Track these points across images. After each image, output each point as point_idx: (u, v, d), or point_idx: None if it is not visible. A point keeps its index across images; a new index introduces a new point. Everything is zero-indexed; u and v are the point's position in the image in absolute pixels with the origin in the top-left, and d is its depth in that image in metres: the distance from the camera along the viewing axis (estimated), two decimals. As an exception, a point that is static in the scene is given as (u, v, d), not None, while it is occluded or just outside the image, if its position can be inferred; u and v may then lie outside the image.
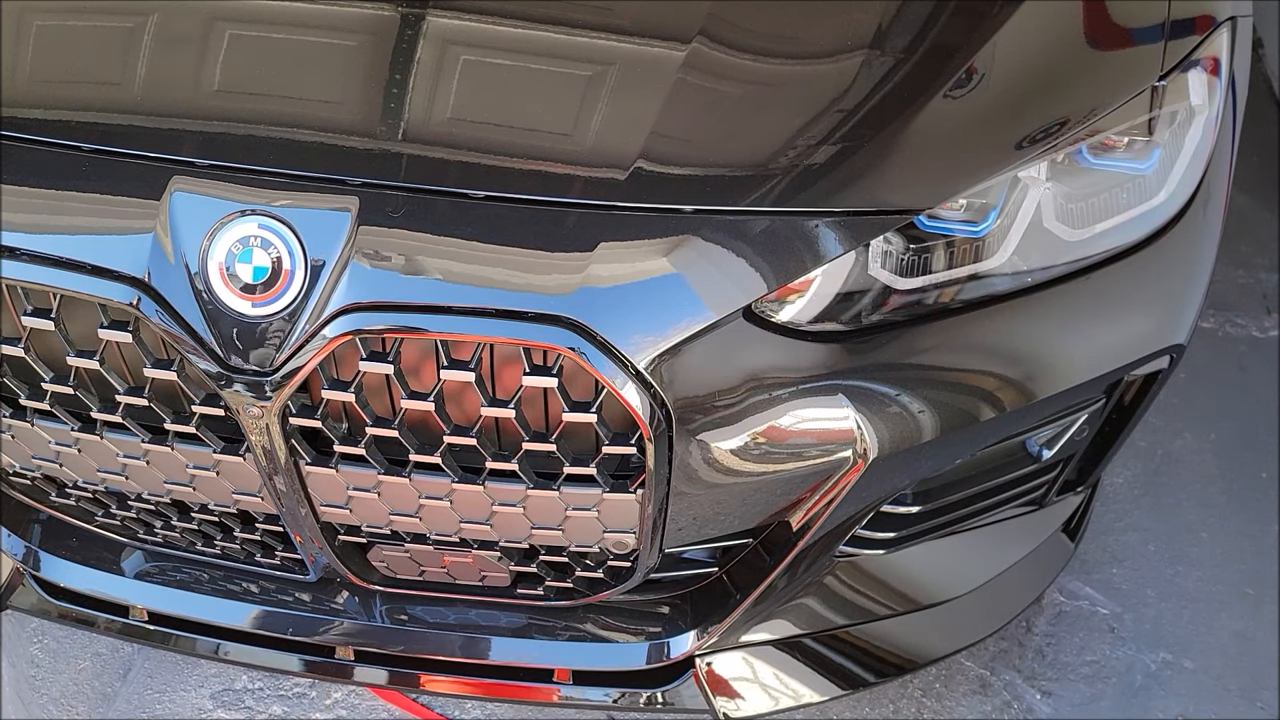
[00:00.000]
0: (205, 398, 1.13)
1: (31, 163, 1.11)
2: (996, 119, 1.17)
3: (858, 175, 1.11)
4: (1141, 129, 1.22)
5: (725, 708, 1.40)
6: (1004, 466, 1.39)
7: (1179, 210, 1.25)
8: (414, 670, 1.43)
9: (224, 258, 1.05)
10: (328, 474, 1.17)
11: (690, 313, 1.06)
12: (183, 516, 1.37)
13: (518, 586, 1.37)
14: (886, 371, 1.15)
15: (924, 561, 1.43)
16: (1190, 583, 1.88)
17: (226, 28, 1.18)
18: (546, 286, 1.04)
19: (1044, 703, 1.74)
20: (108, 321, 1.10)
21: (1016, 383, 1.20)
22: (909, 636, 1.49)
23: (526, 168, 1.09)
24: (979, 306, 1.18)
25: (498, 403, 1.09)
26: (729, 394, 1.10)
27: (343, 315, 1.05)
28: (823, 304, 1.13)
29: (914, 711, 1.73)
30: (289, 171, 1.07)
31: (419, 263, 1.05)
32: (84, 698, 1.76)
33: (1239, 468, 2.04)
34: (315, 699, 1.74)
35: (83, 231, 1.09)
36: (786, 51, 1.20)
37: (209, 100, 1.13)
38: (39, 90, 1.16)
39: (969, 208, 1.15)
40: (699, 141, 1.12)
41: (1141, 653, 1.80)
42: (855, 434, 1.14)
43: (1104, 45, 1.26)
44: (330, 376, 1.10)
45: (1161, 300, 1.28)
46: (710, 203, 1.08)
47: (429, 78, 1.13)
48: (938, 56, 1.19)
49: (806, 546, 1.26)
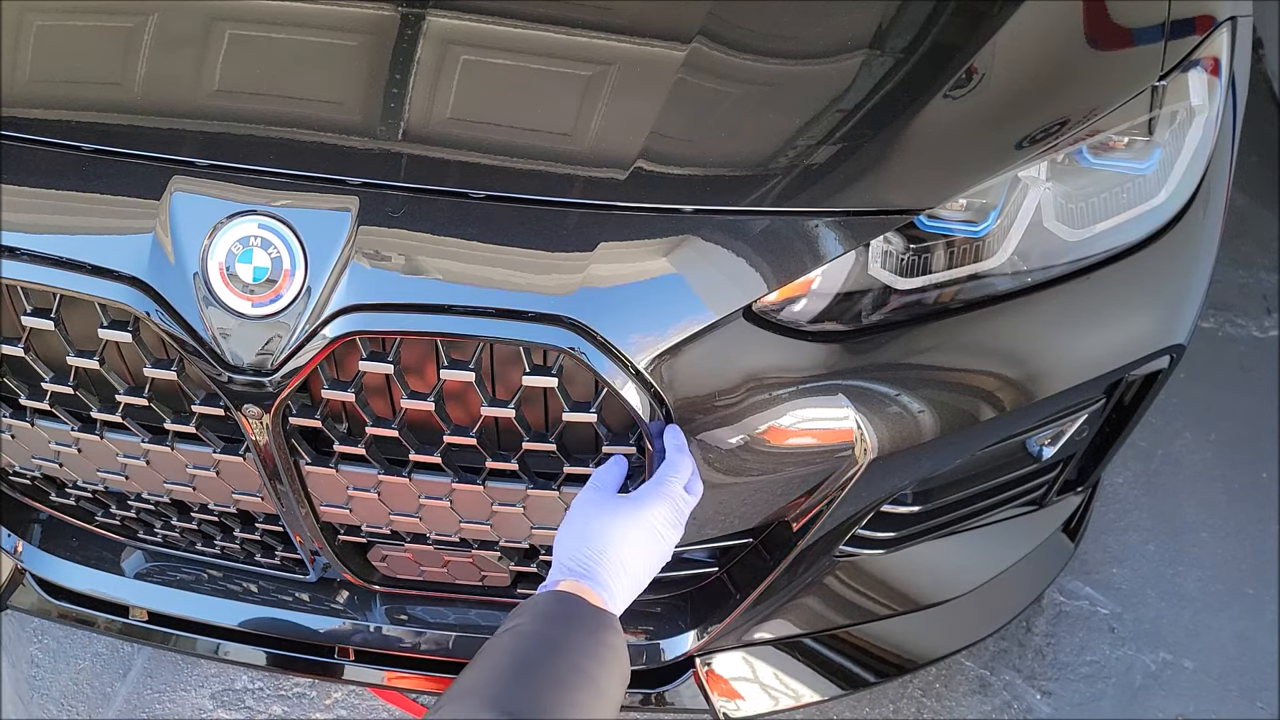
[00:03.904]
0: (205, 398, 1.13)
1: (31, 163, 1.11)
2: (996, 119, 1.17)
3: (858, 175, 1.11)
4: (1141, 129, 1.22)
5: (725, 708, 1.40)
6: (1004, 466, 1.39)
7: (1179, 210, 1.25)
8: (414, 670, 1.43)
9: (224, 258, 1.04)
10: (328, 474, 1.17)
11: (690, 313, 1.06)
12: (183, 516, 1.37)
13: (517, 586, 1.37)
14: (886, 371, 1.15)
15: (924, 561, 1.43)
16: (1190, 583, 1.89)
17: (226, 28, 1.18)
18: (547, 287, 1.04)
19: (1044, 703, 1.74)
20: (108, 321, 1.10)
21: (1016, 383, 1.20)
22: (909, 636, 1.49)
23: (527, 168, 1.09)
24: (979, 306, 1.18)
25: (498, 403, 1.09)
26: (729, 394, 1.10)
27: (343, 315, 1.05)
28: (823, 304, 1.13)
29: (914, 711, 1.73)
30: (289, 171, 1.07)
31: (419, 263, 1.05)
32: (84, 698, 1.76)
33: (1239, 468, 2.04)
34: (315, 699, 1.74)
35: (83, 231, 1.09)
36: (786, 51, 1.20)
37: (209, 100, 1.13)
38: (39, 90, 1.16)
39: (969, 208, 1.15)
40: (699, 141, 1.12)
41: (1141, 653, 1.80)
42: (855, 434, 1.14)
43: (1104, 45, 1.26)
44: (330, 376, 1.10)
45: (1161, 300, 1.28)
46: (710, 203, 1.08)
47: (429, 77, 1.13)
48: (938, 56, 1.19)
49: (807, 546, 1.26)
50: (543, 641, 0.85)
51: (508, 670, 0.82)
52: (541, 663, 0.83)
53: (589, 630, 0.87)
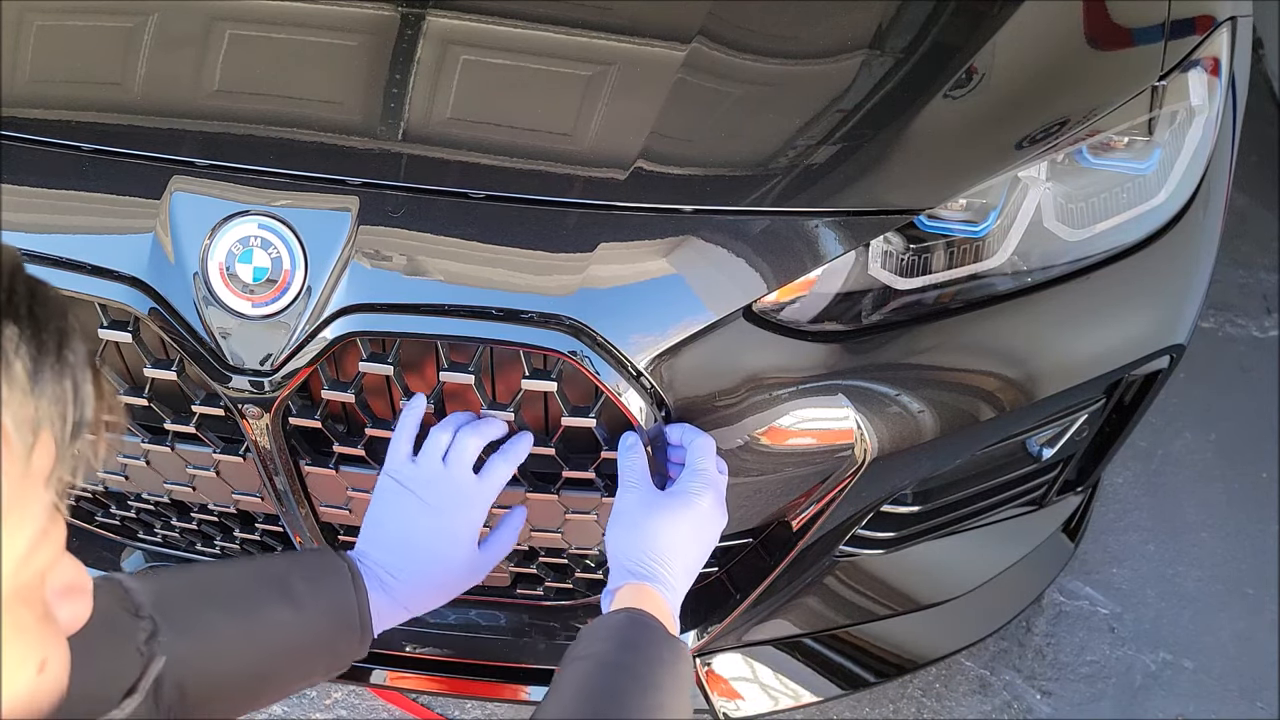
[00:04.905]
0: (205, 398, 1.13)
1: (31, 163, 1.11)
2: (996, 119, 1.17)
3: (858, 175, 1.11)
4: (1141, 129, 1.22)
5: (725, 708, 1.40)
6: (1004, 466, 1.39)
7: (1179, 210, 1.25)
8: (414, 670, 1.43)
9: (224, 258, 1.04)
10: (327, 474, 1.17)
11: (690, 313, 1.06)
12: (182, 517, 1.37)
13: (517, 587, 1.37)
14: (886, 371, 1.15)
15: (924, 561, 1.43)
16: (1190, 583, 1.88)
17: (226, 28, 1.18)
18: (547, 287, 1.04)
19: (1044, 703, 1.74)
20: (107, 322, 1.10)
21: (1016, 383, 1.20)
22: (909, 636, 1.49)
23: (527, 168, 1.09)
24: (979, 306, 1.18)
25: (497, 406, 1.08)
26: (729, 394, 1.10)
27: (343, 316, 1.04)
28: (823, 304, 1.13)
29: (914, 711, 1.73)
30: (289, 171, 1.07)
31: (419, 263, 1.05)
32: (84, 698, 1.76)
33: (1239, 468, 2.04)
34: (315, 699, 1.74)
35: (83, 231, 1.09)
36: (786, 51, 1.20)
37: (209, 100, 1.13)
38: (39, 90, 1.16)
39: (969, 208, 1.15)
40: (699, 141, 1.12)
41: (1141, 653, 1.80)
42: (855, 434, 1.14)
43: (1104, 45, 1.26)
44: (330, 377, 1.10)
45: (1161, 300, 1.28)
46: (710, 203, 1.08)
47: (429, 77, 1.13)
48: (938, 56, 1.19)
49: (806, 546, 1.26)
50: (627, 673, 0.87)
51: (596, 698, 0.84)
52: (629, 693, 0.85)
53: (668, 665, 0.89)
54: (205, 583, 0.93)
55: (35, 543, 0.46)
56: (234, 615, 0.89)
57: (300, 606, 0.92)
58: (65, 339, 0.47)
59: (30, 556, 0.46)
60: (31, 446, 0.44)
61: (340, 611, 0.95)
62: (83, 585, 0.53)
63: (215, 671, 0.86)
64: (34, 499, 0.45)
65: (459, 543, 1.03)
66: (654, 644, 0.89)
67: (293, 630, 0.91)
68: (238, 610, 0.90)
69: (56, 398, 0.46)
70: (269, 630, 0.90)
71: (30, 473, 0.45)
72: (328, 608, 0.94)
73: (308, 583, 0.94)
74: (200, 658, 0.85)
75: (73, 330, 0.48)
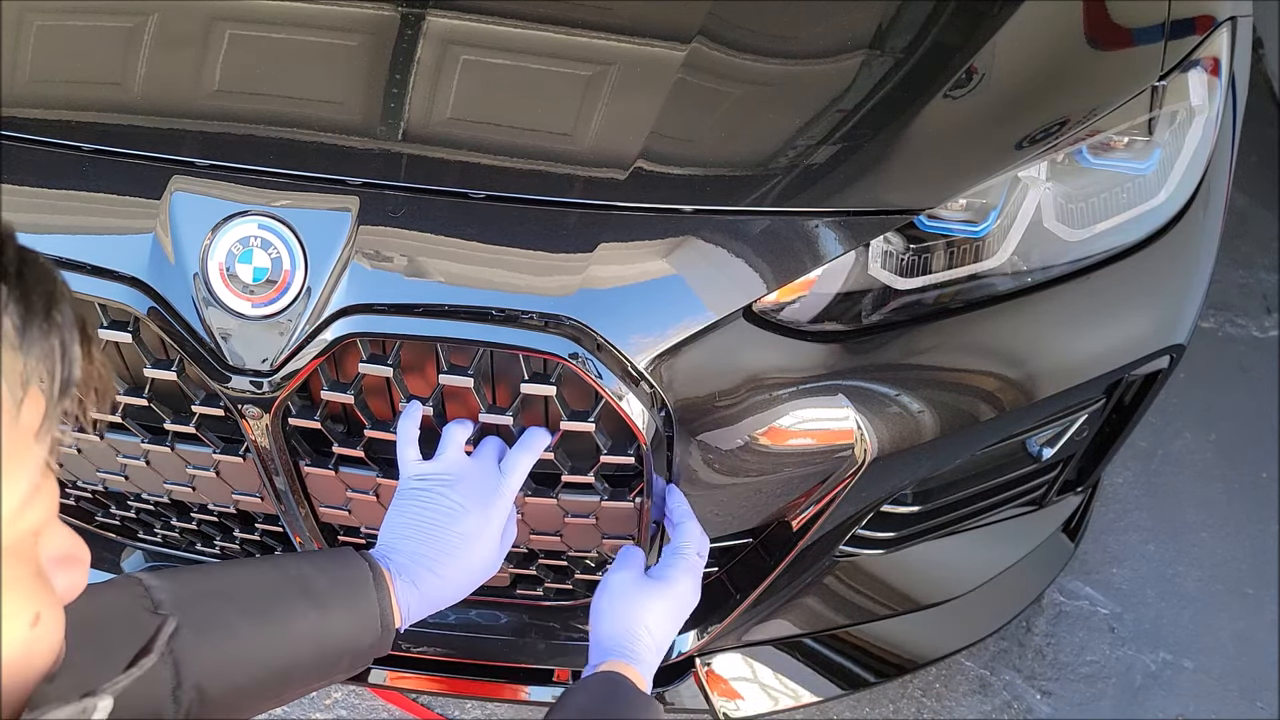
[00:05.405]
0: (205, 398, 1.13)
1: (31, 163, 1.11)
2: (996, 119, 1.17)
3: (858, 175, 1.11)
4: (1141, 129, 1.22)
5: (725, 708, 1.40)
6: (1004, 466, 1.39)
7: (1179, 210, 1.25)
8: (414, 670, 1.43)
9: (224, 258, 1.04)
10: (327, 475, 1.17)
11: (690, 313, 1.06)
12: (182, 517, 1.37)
13: (517, 587, 1.37)
14: (886, 371, 1.15)
15: (924, 561, 1.43)
16: (1190, 583, 1.88)
17: (226, 27, 1.18)
18: (547, 288, 1.04)
19: (1044, 703, 1.74)
20: (107, 321, 1.10)
21: (1016, 383, 1.20)
22: (909, 636, 1.49)
23: (527, 168, 1.09)
24: (979, 306, 1.18)
25: (496, 409, 1.08)
26: (729, 394, 1.10)
27: (343, 316, 1.04)
28: (823, 304, 1.13)
29: (914, 711, 1.73)
30: (289, 171, 1.07)
31: (419, 263, 1.05)
32: (84, 698, 1.76)
33: (1239, 468, 2.04)
34: (315, 699, 1.74)
35: (82, 231, 1.08)
36: (786, 51, 1.20)
37: (209, 100, 1.13)
38: (39, 90, 1.16)
39: (969, 208, 1.15)
40: (699, 141, 1.12)
41: (1141, 653, 1.80)
42: (855, 434, 1.14)
43: (1104, 45, 1.26)
44: (330, 378, 1.10)
45: (1161, 300, 1.28)
46: (710, 203, 1.08)
47: (429, 78, 1.13)
48: (938, 56, 1.19)
49: (806, 546, 1.26)
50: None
51: None
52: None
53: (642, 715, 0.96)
54: (225, 582, 0.92)
55: (28, 497, 0.47)
56: (254, 615, 0.89)
57: (322, 606, 0.92)
58: (53, 301, 0.49)
59: (23, 510, 0.47)
60: (21, 401, 0.46)
61: (362, 610, 0.95)
62: (79, 556, 0.55)
63: (235, 671, 0.86)
64: (25, 452, 0.47)
65: (488, 535, 1.03)
66: (631, 703, 0.95)
67: (314, 629, 0.91)
68: (258, 610, 0.90)
69: (44, 355, 0.47)
70: (290, 630, 0.90)
71: (20, 426, 0.46)
72: (349, 607, 0.94)
73: (329, 581, 0.94)
74: (220, 657, 0.85)
75: (62, 295, 0.49)
